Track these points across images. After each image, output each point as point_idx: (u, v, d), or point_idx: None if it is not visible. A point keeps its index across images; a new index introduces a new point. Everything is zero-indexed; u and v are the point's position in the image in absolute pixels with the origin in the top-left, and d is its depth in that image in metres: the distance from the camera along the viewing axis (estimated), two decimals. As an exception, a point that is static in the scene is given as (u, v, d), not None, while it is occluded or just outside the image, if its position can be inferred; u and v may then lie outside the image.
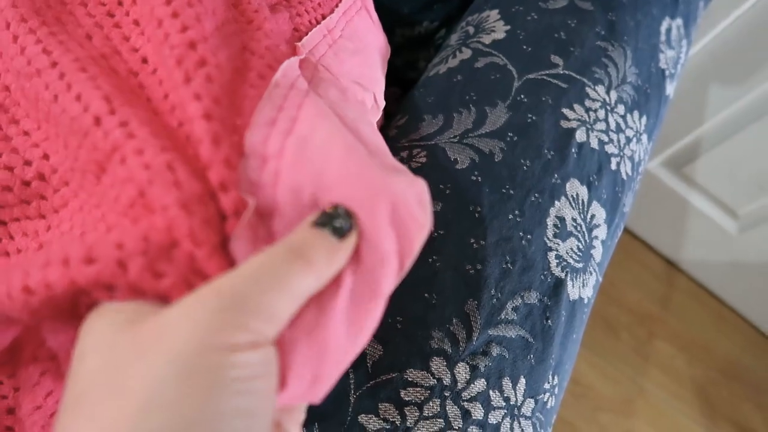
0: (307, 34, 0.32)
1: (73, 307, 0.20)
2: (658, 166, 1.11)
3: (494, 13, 0.50)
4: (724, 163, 1.01)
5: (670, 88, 0.54)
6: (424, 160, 0.40)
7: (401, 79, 0.61)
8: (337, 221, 0.19)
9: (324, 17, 0.35)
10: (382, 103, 0.37)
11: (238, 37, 0.26)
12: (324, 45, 0.33)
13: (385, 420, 0.31)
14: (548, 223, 0.39)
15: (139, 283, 0.18)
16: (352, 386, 0.32)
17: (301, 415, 0.22)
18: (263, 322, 0.16)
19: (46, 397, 0.26)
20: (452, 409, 0.32)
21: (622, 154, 0.45)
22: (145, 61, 0.24)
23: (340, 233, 0.19)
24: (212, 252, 0.18)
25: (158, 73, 0.23)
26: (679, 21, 0.55)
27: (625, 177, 0.46)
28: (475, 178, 0.39)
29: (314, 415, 0.31)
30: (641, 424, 1.07)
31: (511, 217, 0.38)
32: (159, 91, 0.22)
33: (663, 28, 0.53)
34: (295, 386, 0.18)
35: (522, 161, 0.40)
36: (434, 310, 0.34)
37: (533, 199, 0.39)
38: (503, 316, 0.35)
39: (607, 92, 0.46)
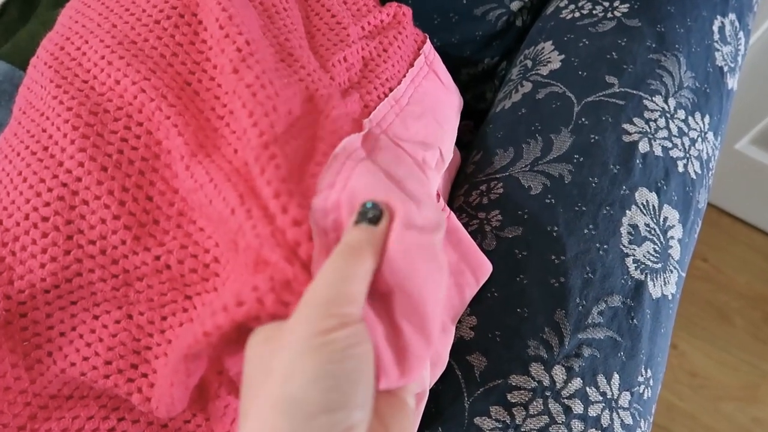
0: (375, 107, 0.39)
1: (238, 337, 0.28)
2: (747, 145, 1.08)
3: (548, 45, 0.55)
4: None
5: (731, 82, 0.56)
6: (501, 191, 0.46)
7: (472, 111, 0.67)
8: (369, 213, 0.26)
9: (392, 89, 0.42)
10: (449, 156, 0.43)
11: (308, 129, 0.33)
12: (392, 114, 0.40)
13: (497, 420, 0.37)
14: (622, 232, 0.43)
15: (274, 311, 0.26)
16: (465, 393, 0.38)
17: (414, 389, 0.28)
18: (346, 307, 0.23)
19: (232, 424, 0.34)
20: (554, 407, 0.37)
21: (688, 155, 0.48)
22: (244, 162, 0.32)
23: (375, 221, 0.26)
24: (307, 280, 0.26)
25: (248, 167, 0.31)
26: (731, 16, 0.57)
27: (694, 176, 0.49)
28: (548, 201, 0.44)
29: (437, 419, 0.37)
30: (770, 410, 1.04)
31: (586, 231, 0.42)
32: (251, 182, 0.31)
33: (715, 27, 0.55)
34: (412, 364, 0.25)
35: (590, 179, 0.44)
36: (527, 322, 0.39)
37: (605, 212, 0.43)
38: (590, 321, 0.40)
39: (665, 101, 0.49)
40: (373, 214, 0.26)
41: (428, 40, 0.47)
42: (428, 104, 0.43)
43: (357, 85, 0.41)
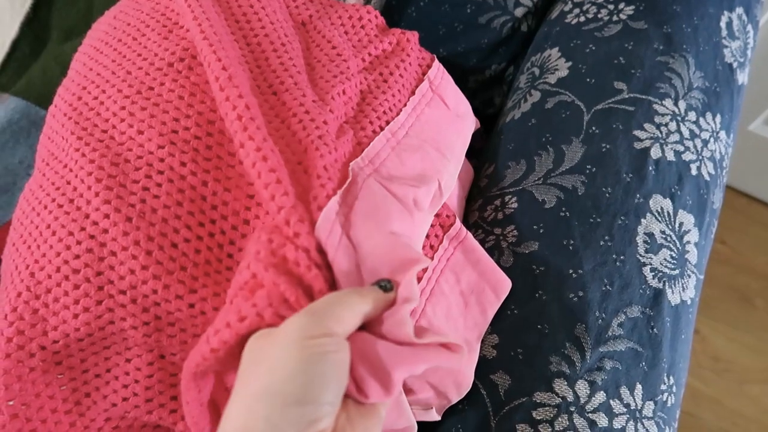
0: (369, 144, 0.39)
1: (239, 352, 0.30)
2: (762, 126, 1.07)
3: (555, 51, 0.55)
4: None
5: (741, 77, 0.56)
6: (515, 205, 0.46)
7: (481, 117, 0.67)
8: (382, 283, 0.31)
9: (389, 122, 0.41)
10: (449, 188, 0.42)
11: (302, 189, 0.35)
12: (387, 149, 0.40)
13: (524, 438, 0.37)
14: (638, 241, 0.43)
15: (272, 323, 0.28)
16: (491, 413, 0.39)
17: (387, 404, 0.30)
18: (333, 323, 0.27)
19: None
20: (579, 421, 0.38)
21: (701, 157, 0.49)
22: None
23: (385, 289, 0.30)
24: (304, 302, 0.29)
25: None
26: (739, 10, 0.57)
27: (708, 177, 0.49)
28: (563, 214, 0.44)
29: (464, 441, 0.38)
30: (796, 391, 1.04)
31: (602, 243, 0.43)
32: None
33: (723, 23, 0.55)
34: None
35: (603, 190, 0.45)
36: (548, 338, 0.40)
37: (620, 222, 0.44)
38: (610, 333, 0.40)
39: (675, 104, 0.49)
40: (384, 285, 0.30)
41: (436, 61, 0.48)
42: (430, 134, 0.43)
43: (353, 120, 0.41)
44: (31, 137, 0.59)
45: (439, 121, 0.44)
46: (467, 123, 0.48)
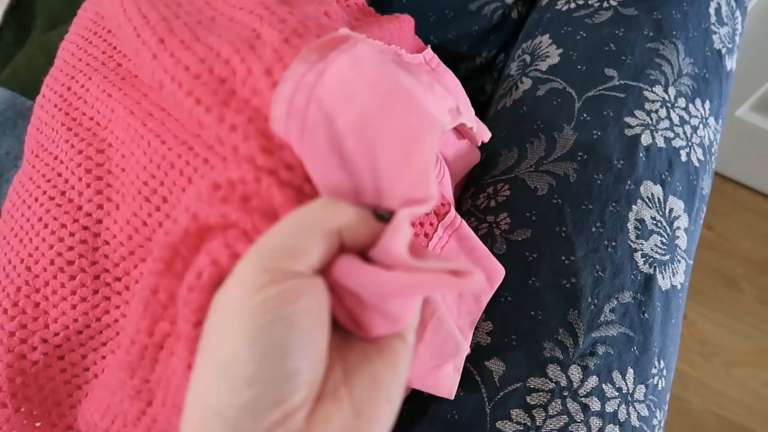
0: None
1: None
2: (748, 112, 1.08)
3: (546, 38, 0.55)
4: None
5: (730, 63, 0.56)
6: (508, 193, 0.46)
7: (473, 104, 0.67)
8: (379, 211, 0.21)
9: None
10: (467, 114, 0.36)
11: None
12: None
13: (519, 423, 0.38)
14: (629, 227, 0.44)
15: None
16: (485, 399, 0.39)
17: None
18: (288, 260, 0.19)
19: None
20: (572, 406, 0.38)
21: (690, 143, 0.49)
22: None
23: (383, 219, 0.21)
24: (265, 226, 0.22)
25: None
26: (727, -4, 0.57)
27: (697, 164, 0.49)
28: (555, 201, 0.44)
29: (459, 427, 0.39)
30: (780, 373, 1.06)
31: (594, 229, 0.43)
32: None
33: (712, 9, 0.55)
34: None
35: (595, 176, 0.45)
36: (541, 325, 0.40)
37: (611, 208, 0.44)
38: (603, 319, 0.41)
39: (665, 90, 0.49)
40: (383, 214, 0.21)
41: (429, 48, 0.47)
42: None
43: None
44: (18, 128, 0.59)
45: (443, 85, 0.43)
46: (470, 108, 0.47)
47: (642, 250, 0.43)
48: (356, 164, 0.22)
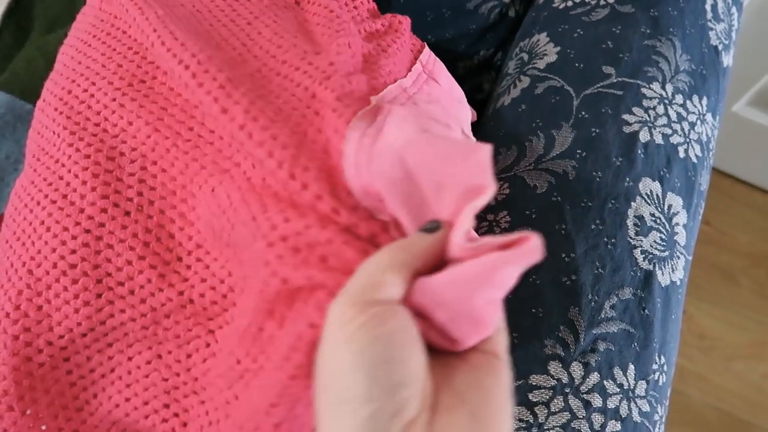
0: (383, 89, 0.36)
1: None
2: (745, 107, 1.09)
3: (543, 36, 0.55)
4: (814, 90, 0.98)
5: (727, 60, 0.56)
6: (507, 191, 0.47)
7: (471, 103, 0.68)
8: (427, 226, 0.25)
9: (396, 81, 0.40)
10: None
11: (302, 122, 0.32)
12: (403, 97, 0.38)
13: (521, 420, 0.38)
14: (628, 224, 0.44)
15: None
16: (487, 396, 0.39)
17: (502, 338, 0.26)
18: (371, 293, 0.22)
19: None
20: (574, 402, 0.39)
21: (688, 140, 0.49)
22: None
23: (431, 231, 0.25)
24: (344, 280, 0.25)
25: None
26: (723, -8, 0.58)
27: (695, 160, 0.50)
28: (555, 198, 0.45)
29: (462, 424, 0.39)
30: (779, 366, 1.06)
31: (593, 227, 0.44)
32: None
33: (708, 5, 0.56)
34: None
35: (594, 174, 0.45)
36: (542, 322, 0.41)
37: (610, 206, 0.44)
38: (603, 315, 0.41)
39: (663, 87, 0.50)
40: (430, 227, 0.25)
41: (426, 48, 0.48)
42: (435, 99, 0.42)
43: (365, 64, 0.39)
44: (17, 132, 0.59)
45: (438, 98, 0.44)
46: (465, 108, 0.48)
47: (641, 246, 0.44)
48: (417, 175, 0.26)
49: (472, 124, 0.60)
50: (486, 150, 0.24)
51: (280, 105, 0.33)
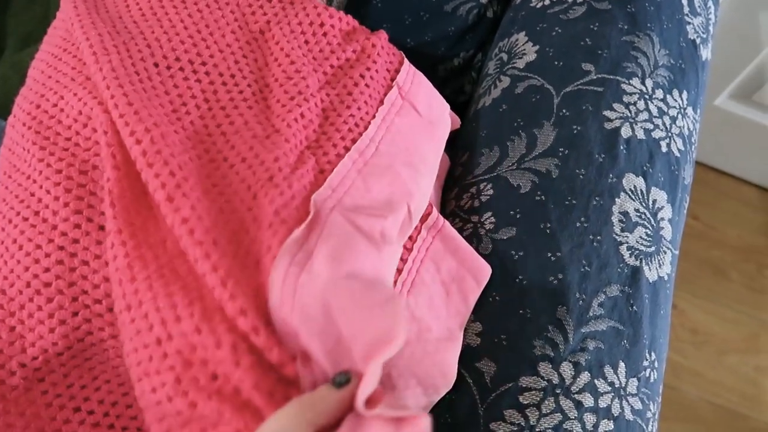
0: (333, 170, 0.37)
1: None
2: (727, 101, 1.09)
3: (522, 36, 0.55)
4: (794, 82, 0.99)
5: (705, 53, 0.56)
6: (491, 192, 0.46)
7: (452, 105, 0.67)
8: (336, 379, 0.27)
9: (355, 140, 0.39)
10: (421, 208, 0.40)
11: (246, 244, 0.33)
12: (353, 174, 0.37)
13: (512, 423, 0.38)
14: (613, 221, 0.44)
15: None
16: (478, 401, 0.39)
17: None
18: None
19: None
20: (566, 403, 0.38)
21: (670, 134, 0.49)
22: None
23: (339, 385, 0.27)
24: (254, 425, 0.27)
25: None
26: (699, -13, 0.58)
27: (678, 154, 0.49)
28: (538, 198, 0.44)
29: (453, 429, 0.38)
30: (771, 358, 1.06)
31: (578, 225, 0.43)
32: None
33: (684, 0, 0.56)
34: None
35: (577, 171, 0.45)
36: (531, 323, 0.40)
37: (594, 203, 0.44)
38: (591, 314, 0.41)
39: (642, 82, 0.50)
40: (339, 380, 0.28)
41: (405, 63, 0.47)
42: (401, 145, 0.41)
43: (315, 144, 0.39)
44: (-7, 149, 0.58)
45: (410, 130, 0.43)
46: (441, 128, 0.46)
47: (627, 242, 0.43)
48: (336, 316, 0.29)
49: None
50: (400, 303, 0.27)
51: (222, 205, 0.33)
